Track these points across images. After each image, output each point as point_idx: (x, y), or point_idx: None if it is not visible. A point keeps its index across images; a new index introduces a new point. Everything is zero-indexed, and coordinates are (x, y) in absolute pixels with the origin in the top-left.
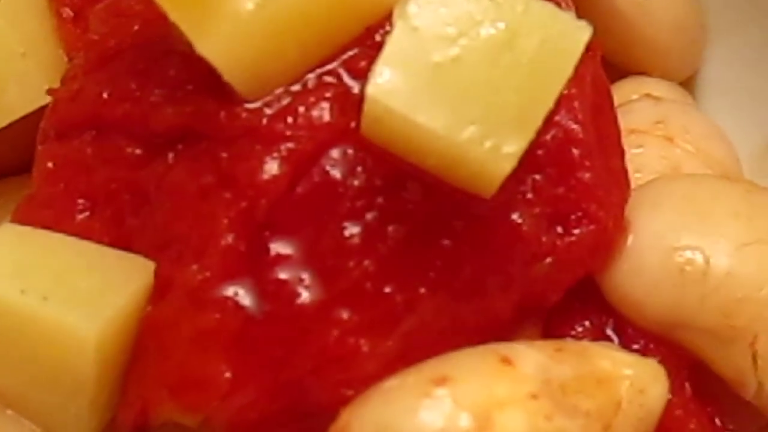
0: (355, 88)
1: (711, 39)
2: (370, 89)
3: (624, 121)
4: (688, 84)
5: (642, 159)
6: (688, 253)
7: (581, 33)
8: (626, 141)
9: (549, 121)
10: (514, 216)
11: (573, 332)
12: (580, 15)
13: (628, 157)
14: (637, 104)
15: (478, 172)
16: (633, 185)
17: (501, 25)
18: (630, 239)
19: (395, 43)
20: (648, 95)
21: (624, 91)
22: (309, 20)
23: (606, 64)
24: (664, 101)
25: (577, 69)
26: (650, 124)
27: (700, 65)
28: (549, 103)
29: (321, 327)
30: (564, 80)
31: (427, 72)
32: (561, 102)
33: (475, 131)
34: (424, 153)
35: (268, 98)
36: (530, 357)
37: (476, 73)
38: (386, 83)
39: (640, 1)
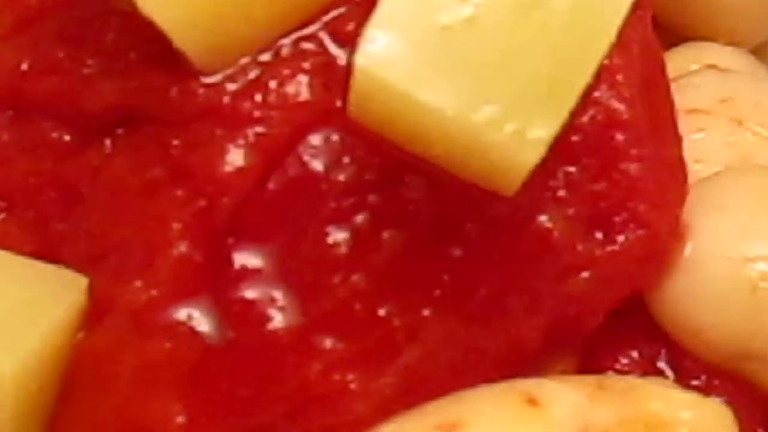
0: (341, 57)
1: None
2: (360, 59)
3: (681, 99)
4: (761, 52)
5: (704, 146)
6: (763, 265)
7: None
8: (684, 123)
9: (587, 99)
10: (543, 219)
11: (617, 365)
12: None
13: (686, 143)
14: (698, 77)
15: (497, 163)
16: (693, 179)
17: None
18: (689, 248)
19: (392, 1)
20: (712, 66)
21: (681, 61)
22: None
23: (659, 27)
24: (731, 73)
25: (622, 33)
26: (714, 102)
27: None
28: (586, 76)
29: (299, 359)
30: (605, 47)
31: (433, 37)
32: (602, 75)
33: (494, 112)
34: (428, 139)
35: (230, 71)
36: (563, 397)
37: (495, 38)
38: (380, 51)
39: None
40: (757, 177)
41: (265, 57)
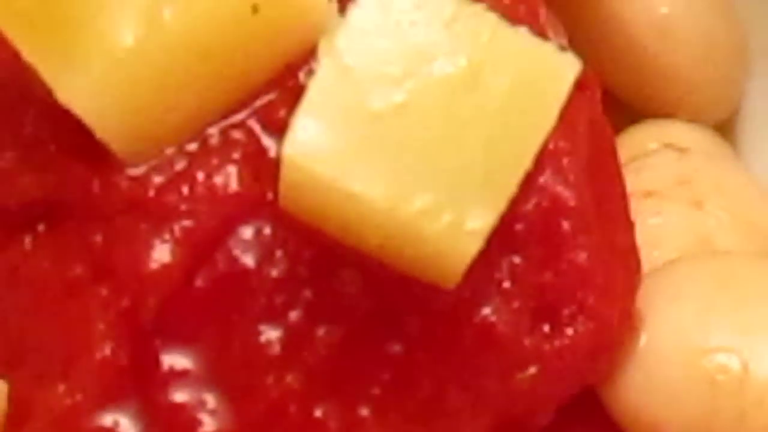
0: (272, 146)
1: (753, 68)
2: (288, 148)
3: (638, 181)
4: (724, 128)
5: (661, 231)
6: (721, 357)
7: (567, 68)
8: (640, 207)
9: (530, 185)
10: (487, 312)
11: None
12: (581, 41)
13: (641, 228)
14: (656, 158)
15: (434, 255)
16: (648, 267)
17: (460, 61)
18: (643, 340)
19: (321, 87)
20: (670, 145)
21: (639, 140)
22: (208, 56)
23: (616, 105)
24: (690, 153)
25: (567, 115)
26: (672, 184)
27: (740, 103)
28: (526, 162)
29: None
30: (545, 131)
31: (363, 124)
32: (545, 159)
33: (428, 202)
34: (362, 231)
35: (155, 162)
36: None
37: (428, 125)
38: (309, 140)
39: (658, 22)
40: (715, 263)
41: (192, 147)
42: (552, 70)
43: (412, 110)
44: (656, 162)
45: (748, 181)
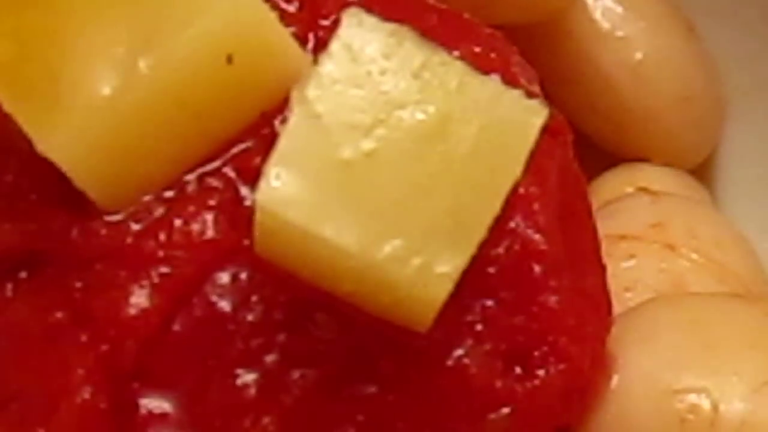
0: (248, 193)
1: (730, 113)
2: (261, 196)
3: (612, 224)
4: (699, 173)
5: (634, 274)
6: (692, 397)
7: (534, 115)
8: (614, 250)
9: (500, 230)
10: (459, 354)
11: None
12: (556, 85)
13: (614, 271)
14: (630, 201)
15: (405, 299)
16: (621, 309)
17: (429, 109)
18: (615, 381)
19: (292, 136)
20: (644, 189)
21: (614, 184)
22: (185, 105)
23: (591, 149)
24: (663, 196)
25: (537, 161)
26: (645, 228)
27: (716, 148)
28: (494, 208)
29: None
30: (513, 177)
31: (334, 172)
32: (516, 205)
33: (399, 247)
34: (335, 277)
35: (133, 209)
36: None
37: (397, 172)
38: (281, 188)
39: (633, 66)
40: (687, 305)
41: (170, 194)
42: (519, 117)
43: (381, 157)
44: (630, 205)
45: (722, 224)
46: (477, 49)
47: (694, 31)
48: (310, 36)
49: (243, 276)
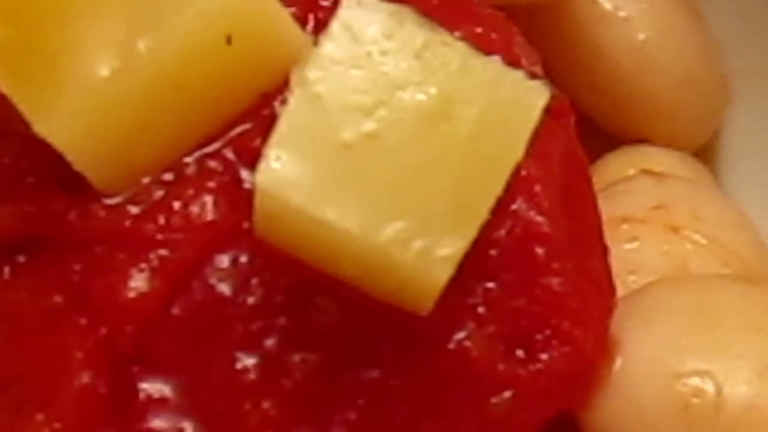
0: (247, 175)
1: (733, 94)
2: (261, 178)
3: (615, 206)
4: (703, 154)
5: (637, 256)
6: (695, 381)
7: (536, 96)
8: (617, 232)
9: (503, 212)
10: (460, 337)
11: None
12: (559, 67)
13: (618, 253)
14: (633, 183)
15: (407, 282)
16: (624, 291)
17: (431, 90)
18: (618, 364)
19: (292, 118)
20: (647, 171)
21: (617, 166)
22: (184, 86)
23: (594, 130)
24: (667, 178)
25: (539, 142)
26: (648, 210)
27: (719, 129)
28: (496, 190)
29: None
30: (515, 159)
31: (335, 154)
32: (518, 187)
33: (400, 229)
34: (336, 260)
35: (132, 192)
36: None
37: (399, 154)
38: (281, 170)
39: (636, 47)
40: (690, 288)
41: (169, 176)
42: (521, 98)
43: (382, 139)
44: (633, 187)
45: (725, 205)
46: (478, 30)
47: (697, 10)
48: (310, 17)
49: (243, 259)
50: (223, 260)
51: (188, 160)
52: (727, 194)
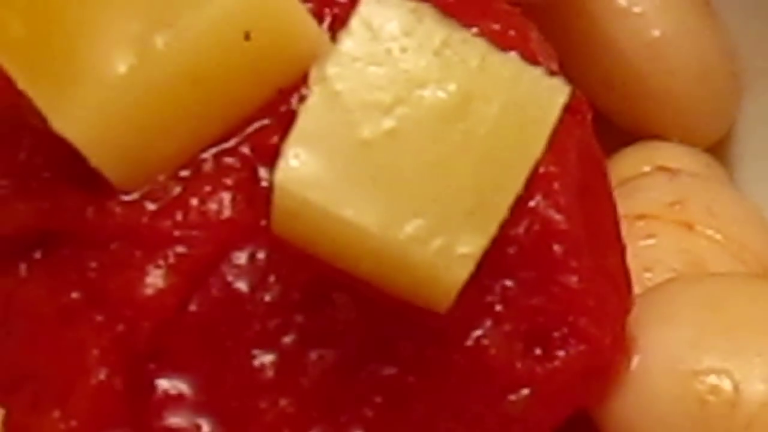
0: (265, 172)
1: (747, 91)
2: (279, 175)
3: (630, 204)
4: (716, 150)
5: (653, 253)
6: (712, 378)
7: (556, 93)
8: (633, 230)
9: (521, 210)
10: (478, 335)
11: None
12: (574, 64)
13: (634, 251)
14: (648, 180)
15: (425, 279)
16: (640, 289)
17: (450, 87)
18: (635, 362)
19: (311, 115)
20: (662, 167)
21: (631, 163)
22: (201, 82)
23: (609, 127)
24: (683, 175)
25: (557, 140)
26: (664, 207)
27: (733, 126)
28: (516, 187)
29: None
30: (535, 156)
31: (354, 151)
32: (536, 184)
33: (419, 227)
34: (354, 257)
35: (149, 188)
36: None
37: (418, 151)
38: (300, 167)
39: (650, 44)
40: (707, 285)
41: (186, 173)
42: (541, 96)
43: (402, 137)
44: (648, 184)
45: (740, 202)
46: (496, 26)
47: (711, 7)
48: (326, 12)
49: (260, 256)
50: (240, 257)
51: (205, 156)
52: (740, 190)
